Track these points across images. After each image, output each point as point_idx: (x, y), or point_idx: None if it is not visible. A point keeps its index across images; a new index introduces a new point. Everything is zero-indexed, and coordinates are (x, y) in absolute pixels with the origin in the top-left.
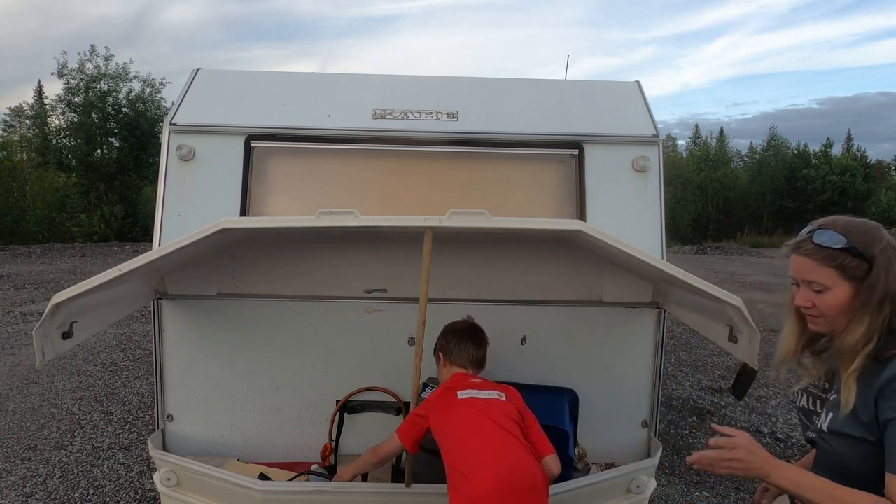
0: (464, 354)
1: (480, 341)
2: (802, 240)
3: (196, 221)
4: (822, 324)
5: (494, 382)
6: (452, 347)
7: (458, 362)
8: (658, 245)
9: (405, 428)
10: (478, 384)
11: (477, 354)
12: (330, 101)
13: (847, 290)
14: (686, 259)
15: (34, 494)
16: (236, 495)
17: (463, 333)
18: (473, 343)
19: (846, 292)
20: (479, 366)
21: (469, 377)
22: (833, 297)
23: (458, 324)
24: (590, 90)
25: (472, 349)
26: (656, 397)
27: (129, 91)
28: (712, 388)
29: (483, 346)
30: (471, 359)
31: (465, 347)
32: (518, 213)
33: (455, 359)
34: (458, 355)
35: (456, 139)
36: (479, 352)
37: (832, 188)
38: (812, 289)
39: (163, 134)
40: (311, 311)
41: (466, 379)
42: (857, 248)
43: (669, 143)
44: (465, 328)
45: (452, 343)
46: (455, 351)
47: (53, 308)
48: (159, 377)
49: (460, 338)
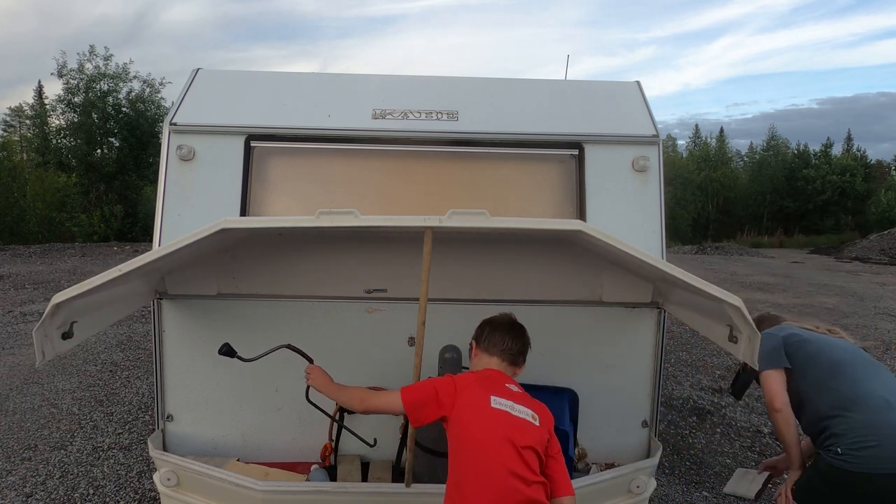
0: (499, 343)
1: (519, 335)
2: None
3: (196, 221)
4: None
5: (531, 397)
6: (487, 335)
7: (492, 351)
8: (658, 245)
9: (414, 399)
10: (516, 395)
11: (513, 346)
12: (330, 101)
13: None
14: (686, 259)
15: (34, 494)
16: (236, 495)
17: (499, 323)
18: (510, 334)
19: None
20: (514, 362)
21: (505, 379)
22: None
23: (498, 316)
24: (590, 90)
25: (507, 339)
26: (656, 397)
27: (129, 91)
28: (712, 388)
29: (521, 339)
30: (505, 348)
31: (501, 337)
32: (518, 213)
33: (488, 346)
34: (492, 343)
35: (456, 139)
36: (516, 344)
37: (832, 188)
38: None
39: (163, 134)
40: (311, 311)
41: (502, 381)
42: None
43: (669, 143)
44: (503, 319)
45: (487, 331)
46: (489, 339)
47: (53, 308)
48: (159, 377)
49: (496, 326)
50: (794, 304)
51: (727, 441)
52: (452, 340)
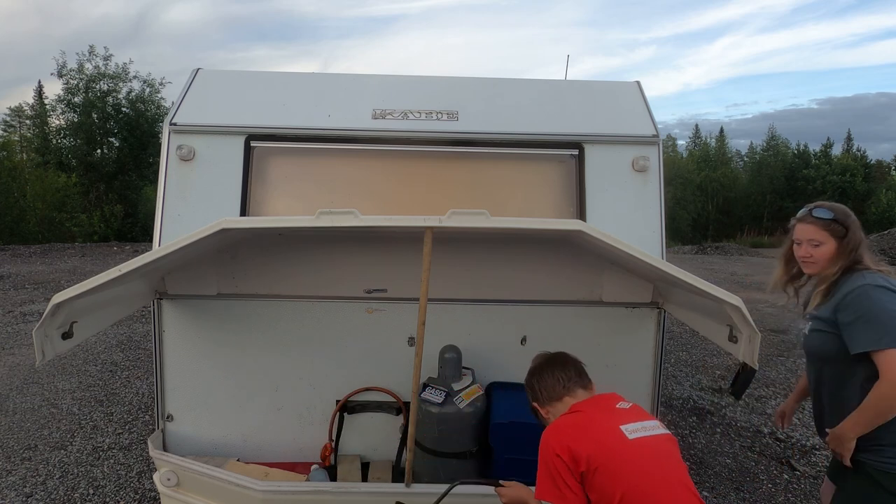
0: (556, 384)
1: (562, 362)
2: (805, 214)
3: (196, 221)
4: (814, 268)
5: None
6: (540, 388)
7: (559, 394)
8: (658, 245)
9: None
10: (630, 412)
11: (569, 374)
12: (330, 101)
13: (833, 244)
14: (686, 259)
15: (34, 494)
16: (236, 495)
17: (540, 368)
18: (556, 367)
19: (833, 246)
20: (584, 385)
21: (605, 399)
22: (826, 249)
23: (531, 367)
24: (590, 90)
25: (558, 373)
26: (656, 397)
27: (128, 91)
28: (712, 388)
29: (569, 364)
30: (567, 382)
31: (551, 377)
32: (518, 213)
33: (551, 395)
34: (551, 390)
35: (456, 139)
36: (568, 370)
37: (832, 188)
38: (812, 244)
39: (163, 134)
40: (311, 311)
41: (610, 403)
42: (839, 219)
43: (669, 143)
44: (538, 363)
45: (536, 384)
46: (545, 389)
47: (53, 308)
48: (159, 377)
49: (540, 373)
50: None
51: (727, 441)
52: (452, 340)
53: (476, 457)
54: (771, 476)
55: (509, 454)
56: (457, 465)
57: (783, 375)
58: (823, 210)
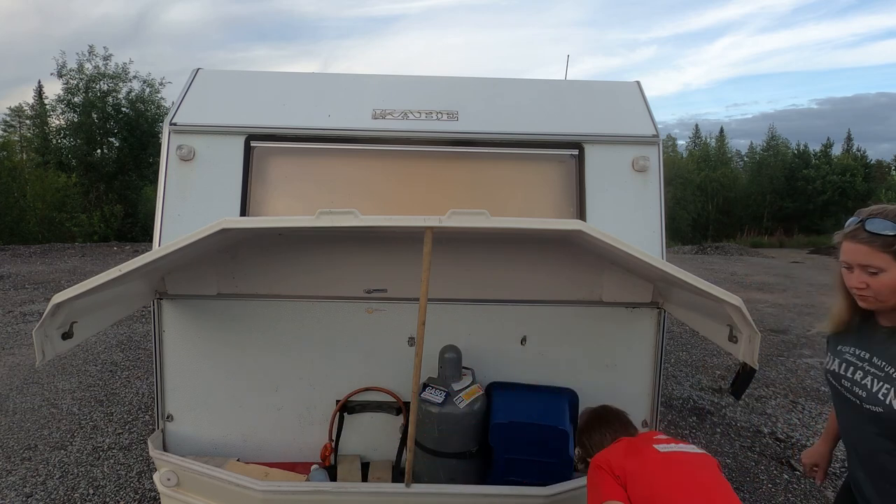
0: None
1: (607, 418)
2: (855, 229)
3: (196, 221)
4: (873, 302)
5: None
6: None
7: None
8: (658, 245)
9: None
10: (667, 439)
11: (614, 428)
12: (330, 101)
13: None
14: (686, 259)
15: (34, 494)
16: (236, 495)
17: (589, 426)
18: (603, 424)
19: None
20: (629, 434)
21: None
22: (888, 278)
23: (580, 424)
24: (590, 90)
25: (605, 430)
26: (656, 397)
27: (128, 91)
28: (712, 388)
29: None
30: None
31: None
32: (518, 213)
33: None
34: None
35: (456, 139)
36: (612, 426)
37: (832, 188)
38: (867, 271)
39: (163, 134)
40: (311, 311)
41: (649, 435)
42: None
43: (669, 143)
44: (584, 420)
45: (587, 442)
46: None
47: (53, 308)
48: (159, 377)
49: (589, 430)
50: (794, 304)
51: (727, 441)
52: (452, 340)
53: (476, 457)
54: (771, 476)
55: (509, 454)
56: (457, 465)
57: (783, 375)
58: (881, 222)
